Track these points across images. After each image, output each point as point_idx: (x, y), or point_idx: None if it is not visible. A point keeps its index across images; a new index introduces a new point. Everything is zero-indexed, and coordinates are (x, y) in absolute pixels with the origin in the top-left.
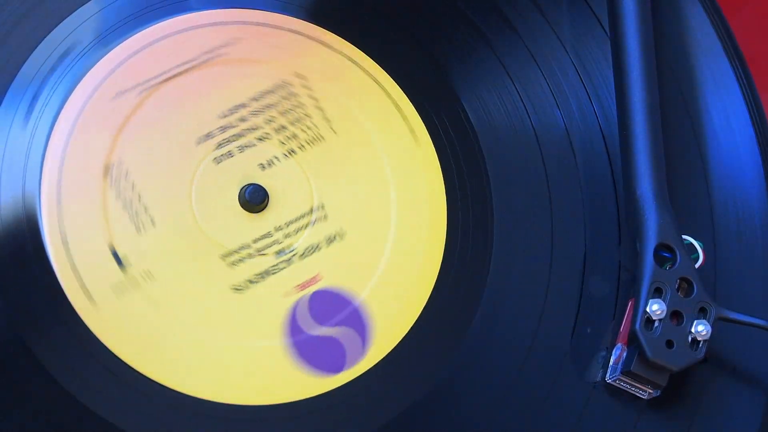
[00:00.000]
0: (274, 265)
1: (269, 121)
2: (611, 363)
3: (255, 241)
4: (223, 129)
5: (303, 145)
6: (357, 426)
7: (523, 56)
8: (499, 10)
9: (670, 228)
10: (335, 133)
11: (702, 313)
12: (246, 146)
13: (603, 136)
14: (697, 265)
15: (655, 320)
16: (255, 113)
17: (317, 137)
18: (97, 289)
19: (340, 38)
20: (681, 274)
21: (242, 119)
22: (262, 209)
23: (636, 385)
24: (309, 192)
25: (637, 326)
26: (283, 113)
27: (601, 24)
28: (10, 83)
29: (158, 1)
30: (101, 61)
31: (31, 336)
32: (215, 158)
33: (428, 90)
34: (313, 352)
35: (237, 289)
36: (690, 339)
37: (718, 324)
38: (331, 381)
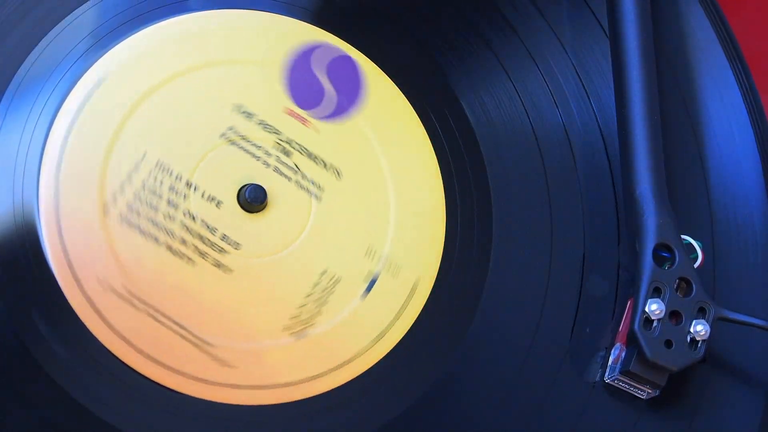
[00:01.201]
0: None
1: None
2: (610, 363)
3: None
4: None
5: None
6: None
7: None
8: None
9: (669, 228)
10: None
11: (701, 313)
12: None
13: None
14: (696, 265)
15: (654, 320)
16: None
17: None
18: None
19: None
20: (680, 274)
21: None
22: (262, 209)
23: (635, 384)
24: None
25: (636, 326)
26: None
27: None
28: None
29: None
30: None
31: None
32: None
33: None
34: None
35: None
36: (689, 339)
37: (717, 324)
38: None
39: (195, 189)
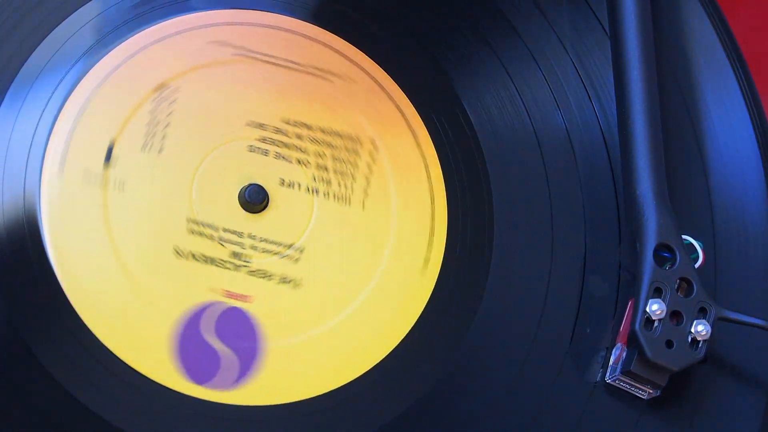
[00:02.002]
0: (222, 260)
1: (319, 155)
2: (611, 363)
3: (225, 230)
4: (277, 131)
5: (328, 194)
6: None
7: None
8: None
9: (669, 228)
10: (363, 209)
11: (702, 313)
12: (283, 157)
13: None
14: (696, 265)
15: (654, 320)
16: (313, 141)
17: (345, 198)
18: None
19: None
20: (681, 274)
21: (299, 137)
22: (260, 210)
23: (636, 385)
24: (301, 230)
25: (637, 326)
26: (335, 159)
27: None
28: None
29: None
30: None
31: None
32: (250, 146)
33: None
34: (191, 354)
35: (177, 252)
36: (690, 339)
37: (718, 324)
38: (197, 389)
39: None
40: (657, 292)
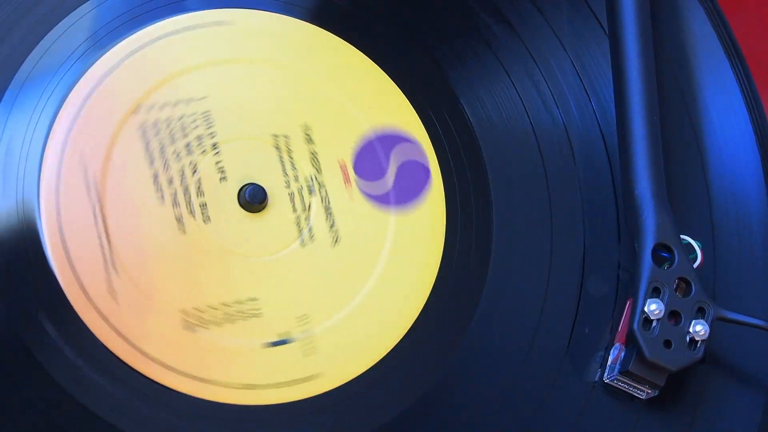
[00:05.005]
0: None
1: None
2: (609, 363)
3: None
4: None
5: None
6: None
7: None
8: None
9: (668, 228)
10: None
11: (700, 313)
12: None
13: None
14: (695, 265)
15: (653, 320)
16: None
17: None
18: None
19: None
20: (679, 274)
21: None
22: (262, 209)
23: (634, 384)
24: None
25: (635, 326)
26: None
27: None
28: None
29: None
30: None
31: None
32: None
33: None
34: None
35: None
36: (688, 339)
37: (716, 324)
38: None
39: (217, 153)
40: (655, 292)
